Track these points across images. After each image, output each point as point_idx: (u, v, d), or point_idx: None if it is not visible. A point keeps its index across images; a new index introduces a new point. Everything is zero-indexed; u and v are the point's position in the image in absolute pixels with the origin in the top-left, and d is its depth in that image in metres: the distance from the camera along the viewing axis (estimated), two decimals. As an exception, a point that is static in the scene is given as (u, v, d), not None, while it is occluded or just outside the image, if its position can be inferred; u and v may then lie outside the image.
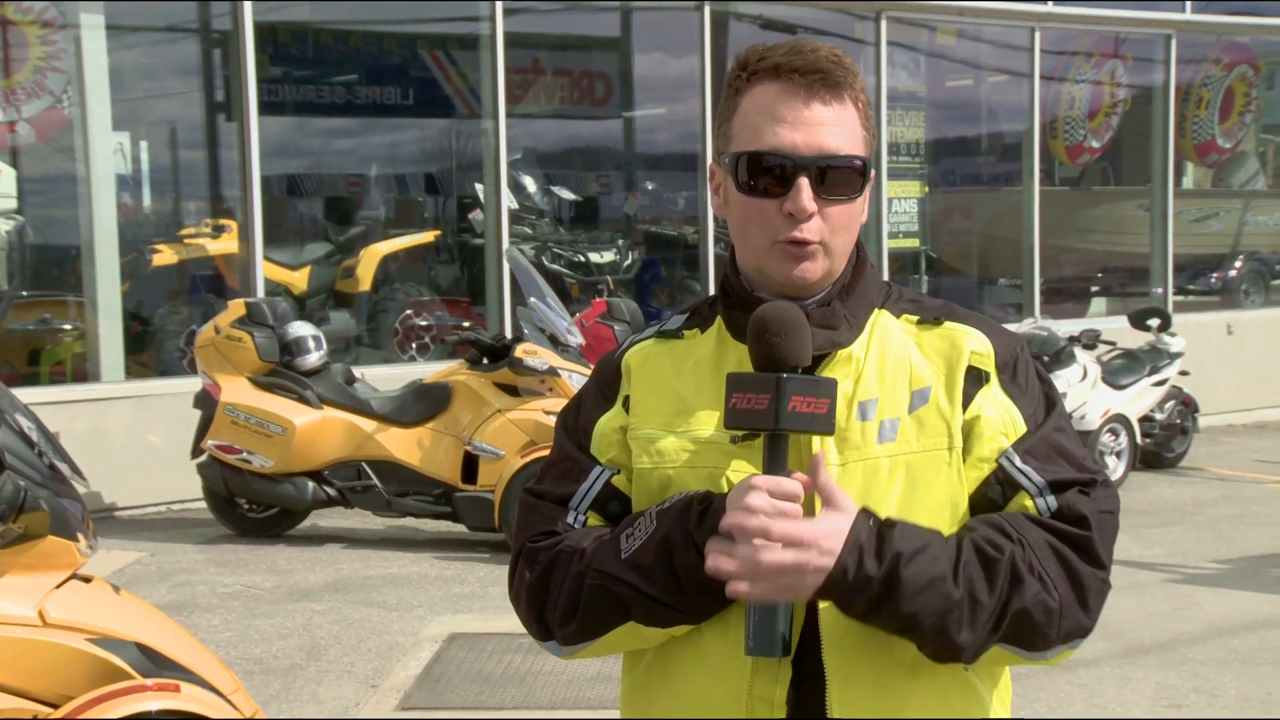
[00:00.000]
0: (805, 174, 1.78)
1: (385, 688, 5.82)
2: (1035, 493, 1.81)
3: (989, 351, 1.85)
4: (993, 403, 1.83)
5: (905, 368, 1.84)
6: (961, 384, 1.83)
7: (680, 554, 1.75)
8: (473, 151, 12.05)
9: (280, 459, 8.32)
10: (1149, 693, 5.78)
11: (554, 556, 1.86)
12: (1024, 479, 1.81)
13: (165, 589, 7.41)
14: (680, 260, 13.14)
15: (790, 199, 1.78)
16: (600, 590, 1.80)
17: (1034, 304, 13.55)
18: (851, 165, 1.81)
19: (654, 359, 1.92)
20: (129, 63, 10.83)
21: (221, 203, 11.47)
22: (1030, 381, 1.88)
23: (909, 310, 1.90)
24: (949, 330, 1.87)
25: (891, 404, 1.82)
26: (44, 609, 3.60)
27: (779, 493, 1.69)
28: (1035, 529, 1.78)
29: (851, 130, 1.82)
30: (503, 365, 8.32)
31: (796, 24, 12.52)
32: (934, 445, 1.81)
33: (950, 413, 1.82)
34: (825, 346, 1.82)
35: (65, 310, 10.59)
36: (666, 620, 1.80)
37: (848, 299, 1.87)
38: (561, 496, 1.91)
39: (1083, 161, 14.74)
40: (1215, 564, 8.10)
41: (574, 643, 1.88)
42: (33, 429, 3.80)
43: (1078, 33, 13.97)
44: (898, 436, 1.81)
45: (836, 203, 1.80)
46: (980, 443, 1.82)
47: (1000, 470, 1.82)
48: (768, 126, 1.80)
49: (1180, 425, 11.39)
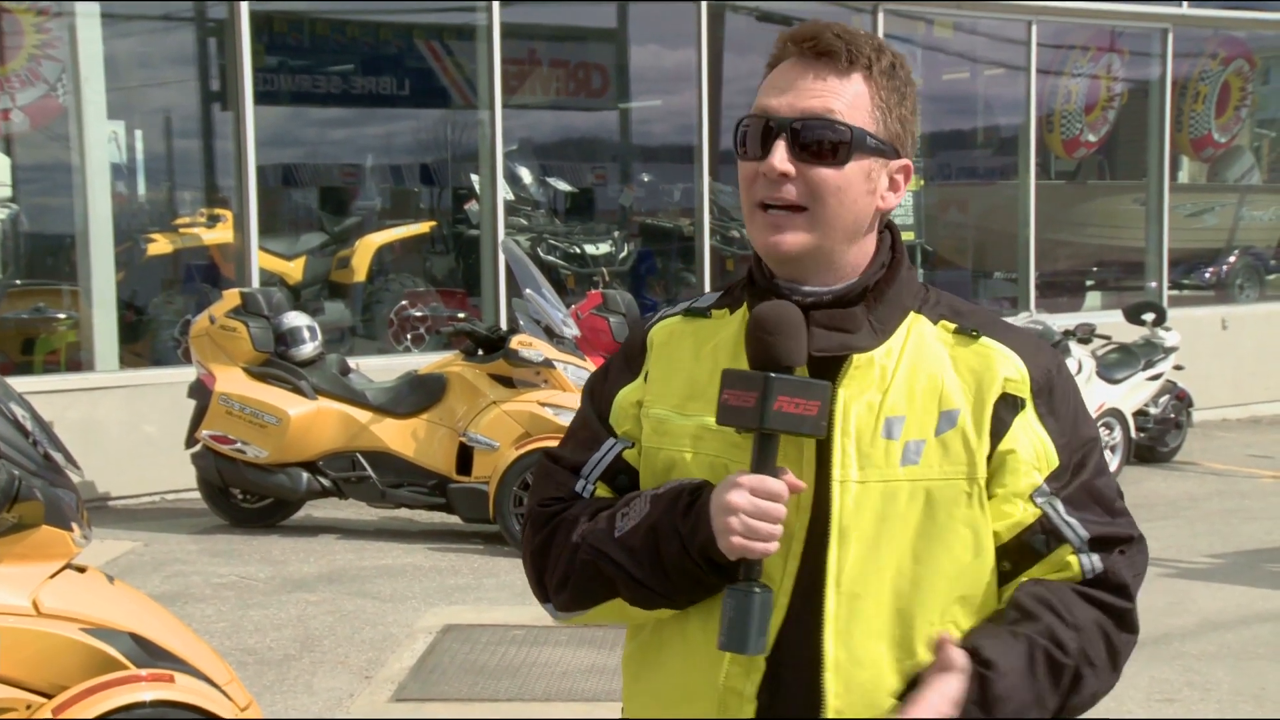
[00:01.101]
0: (781, 136, 1.76)
1: (379, 679, 5.82)
2: (1078, 548, 1.81)
3: (1024, 377, 1.81)
4: (1027, 432, 1.80)
5: (936, 386, 1.80)
6: (991, 412, 1.79)
7: (666, 542, 1.76)
8: (468, 142, 12.03)
9: (275, 449, 8.31)
10: (1142, 686, 5.79)
11: (557, 524, 1.89)
12: (1069, 532, 1.81)
13: (159, 579, 7.41)
14: (676, 252, 13.13)
15: (765, 160, 1.77)
16: (591, 565, 1.83)
17: (1029, 298, 13.55)
18: (831, 130, 1.76)
19: (677, 338, 1.91)
20: (124, 51, 10.79)
21: (217, 192, 11.45)
22: (1066, 407, 1.84)
23: (947, 318, 1.85)
24: (985, 350, 1.82)
25: (918, 424, 1.78)
26: (38, 598, 3.59)
27: (761, 490, 1.69)
28: (1085, 608, 1.80)
29: (851, 101, 1.77)
30: (498, 357, 8.31)
31: (793, 16, 12.47)
32: (955, 474, 1.78)
33: (977, 443, 1.78)
34: (834, 349, 1.78)
35: (59, 299, 10.57)
36: (649, 602, 1.82)
37: (877, 303, 1.82)
38: (575, 464, 1.93)
39: (1079, 155, 14.74)
40: (1209, 558, 8.11)
41: (567, 609, 1.92)
42: (27, 418, 3.79)
43: (1074, 26, 13.96)
44: (921, 460, 1.77)
45: (815, 166, 1.76)
46: (1013, 477, 1.79)
47: (1045, 519, 1.80)
48: (764, 96, 1.81)
49: (1174, 419, 11.40)
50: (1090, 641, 1.78)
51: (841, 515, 1.76)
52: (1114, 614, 1.82)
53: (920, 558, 1.77)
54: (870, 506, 1.76)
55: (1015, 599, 1.80)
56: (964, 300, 1.91)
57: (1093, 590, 1.81)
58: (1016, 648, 1.74)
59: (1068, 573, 1.82)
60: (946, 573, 1.78)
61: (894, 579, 1.76)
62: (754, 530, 1.69)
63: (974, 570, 1.79)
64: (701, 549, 1.73)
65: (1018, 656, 1.74)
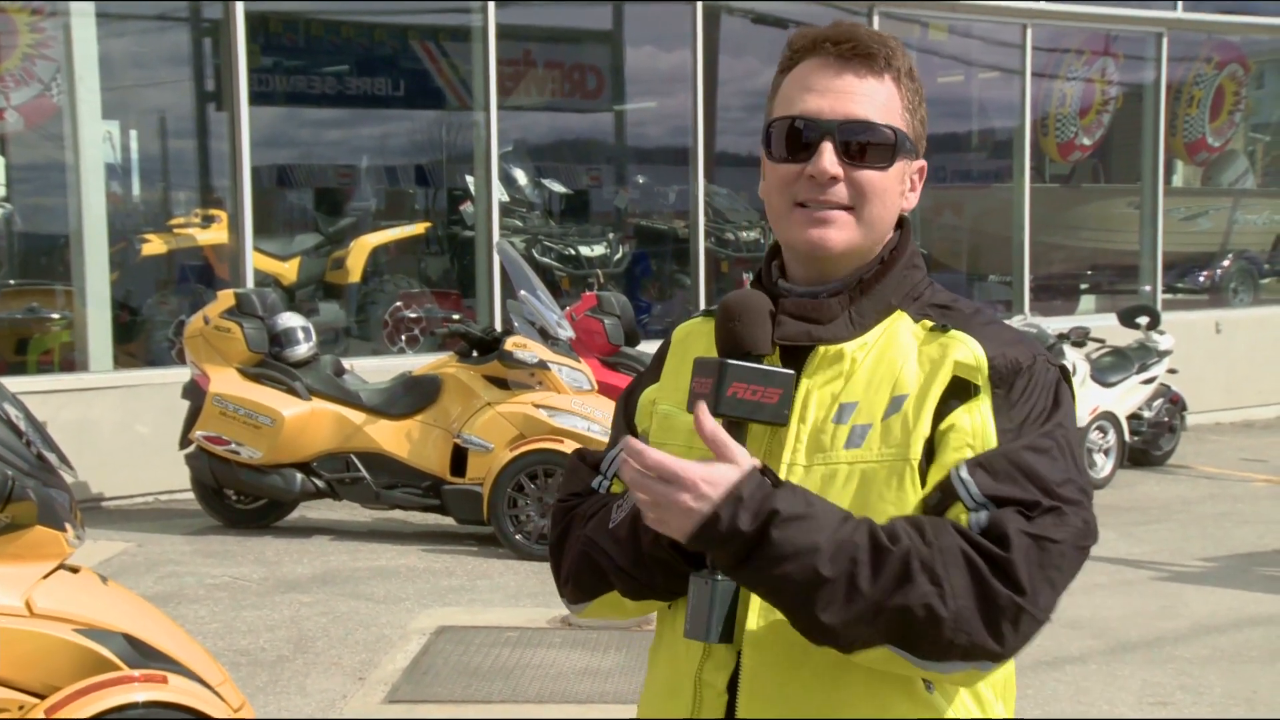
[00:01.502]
0: (829, 137, 1.77)
1: (372, 680, 5.82)
2: (971, 507, 1.68)
3: (979, 363, 1.74)
4: (973, 415, 1.73)
5: (894, 374, 1.78)
6: (939, 396, 1.74)
7: (644, 531, 1.77)
8: (463, 144, 12.04)
9: (269, 450, 8.30)
10: (1135, 690, 5.80)
11: (571, 519, 1.94)
12: (962, 490, 1.69)
13: (152, 580, 7.40)
14: (671, 254, 13.14)
15: (813, 162, 1.77)
16: (587, 556, 1.87)
17: (1024, 301, 13.58)
18: (879, 134, 1.78)
19: (693, 337, 1.96)
20: (119, 51, 10.79)
21: (211, 193, 11.44)
22: (1029, 399, 1.75)
23: (929, 316, 1.83)
24: (947, 339, 1.78)
25: (868, 409, 1.77)
26: (31, 599, 3.59)
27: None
28: (953, 535, 1.65)
29: (887, 104, 1.80)
30: (492, 358, 8.31)
31: (788, 18, 12.51)
32: (892, 456, 1.74)
33: (914, 423, 1.74)
34: (799, 338, 1.79)
35: (53, 299, 10.56)
36: (635, 593, 1.85)
37: (860, 298, 1.82)
38: (597, 460, 1.99)
39: (1073, 159, 14.76)
40: (1202, 562, 8.12)
41: (575, 601, 1.95)
42: (20, 418, 3.79)
43: (1069, 30, 13.99)
44: (864, 443, 1.75)
45: (863, 169, 1.78)
46: (945, 453, 1.72)
47: (945, 480, 1.71)
48: (799, 96, 1.80)
49: (1168, 423, 11.42)
50: (947, 563, 1.63)
51: None
52: (987, 556, 1.64)
53: None
54: (810, 489, 1.72)
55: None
56: (963, 301, 1.88)
57: (972, 534, 1.67)
58: (833, 507, 1.68)
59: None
60: None
61: None
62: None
63: None
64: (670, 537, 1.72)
65: (828, 507, 1.67)
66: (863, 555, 1.63)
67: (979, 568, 1.64)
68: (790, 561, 1.62)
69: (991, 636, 1.64)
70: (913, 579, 1.62)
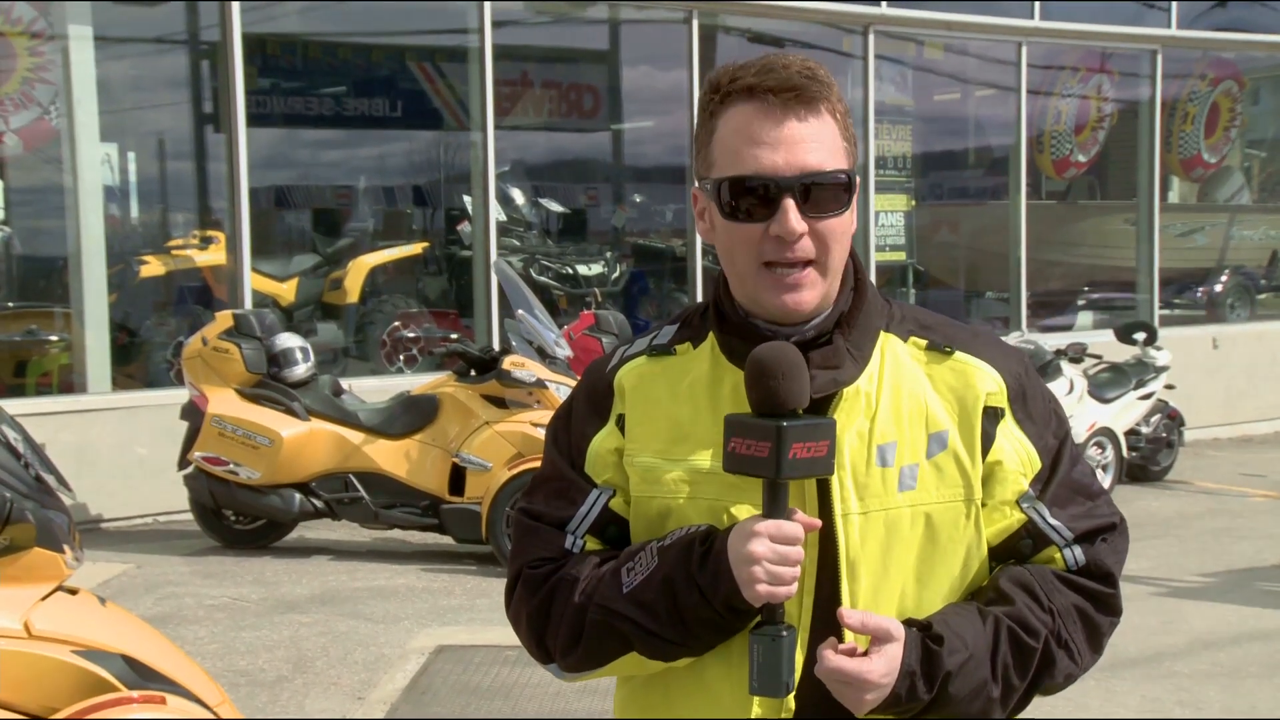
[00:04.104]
0: (789, 194, 1.74)
1: (372, 700, 5.81)
2: (1063, 545, 1.87)
3: (1001, 389, 1.85)
4: (1010, 440, 1.85)
5: (921, 408, 1.82)
6: (980, 429, 1.83)
7: (684, 594, 1.75)
8: (461, 163, 12.06)
9: (267, 471, 8.30)
10: (1133, 705, 5.80)
11: (554, 586, 1.85)
12: (1054, 534, 1.87)
13: (151, 601, 7.40)
14: (668, 273, 13.16)
15: (777, 221, 1.75)
16: (603, 624, 1.81)
17: (1021, 317, 13.59)
18: (836, 181, 1.77)
19: (649, 380, 1.88)
20: (117, 74, 10.82)
21: (209, 214, 11.46)
22: (1038, 405, 1.89)
23: (916, 333, 1.86)
24: (961, 366, 1.84)
25: (910, 449, 1.80)
26: (29, 620, 3.59)
27: (780, 537, 1.69)
28: (1064, 592, 1.85)
29: (832, 144, 1.78)
30: (490, 377, 8.32)
31: (784, 37, 12.56)
32: (953, 496, 1.81)
33: (970, 463, 1.82)
34: (828, 387, 1.79)
35: (52, 321, 10.57)
36: (670, 654, 1.81)
37: (850, 330, 1.83)
38: (558, 519, 1.89)
39: (1069, 176, 14.79)
40: (1200, 577, 8.12)
41: (576, 669, 1.88)
42: (19, 440, 3.79)
43: (1064, 48, 14.03)
44: (917, 485, 1.80)
45: (825, 219, 1.77)
46: (1002, 486, 1.84)
47: (1031, 525, 1.86)
48: (747, 150, 1.77)
49: (1166, 439, 11.42)
50: (1066, 624, 1.84)
51: (849, 548, 1.78)
52: (1095, 598, 1.89)
53: (923, 580, 1.81)
54: (875, 536, 1.78)
55: (994, 580, 1.86)
56: (926, 311, 1.94)
57: (1076, 577, 1.87)
58: (975, 625, 1.79)
59: (1053, 566, 1.89)
60: (944, 591, 1.82)
61: (899, 603, 1.80)
62: (778, 577, 1.69)
63: (966, 581, 1.85)
64: (725, 599, 1.73)
65: (976, 634, 1.78)
66: (1012, 660, 1.80)
67: (1090, 615, 1.88)
68: (965, 701, 1.78)
69: (1098, 656, 1.92)
70: (1054, 659, 1.83)
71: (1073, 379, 10.40)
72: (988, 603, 1.82)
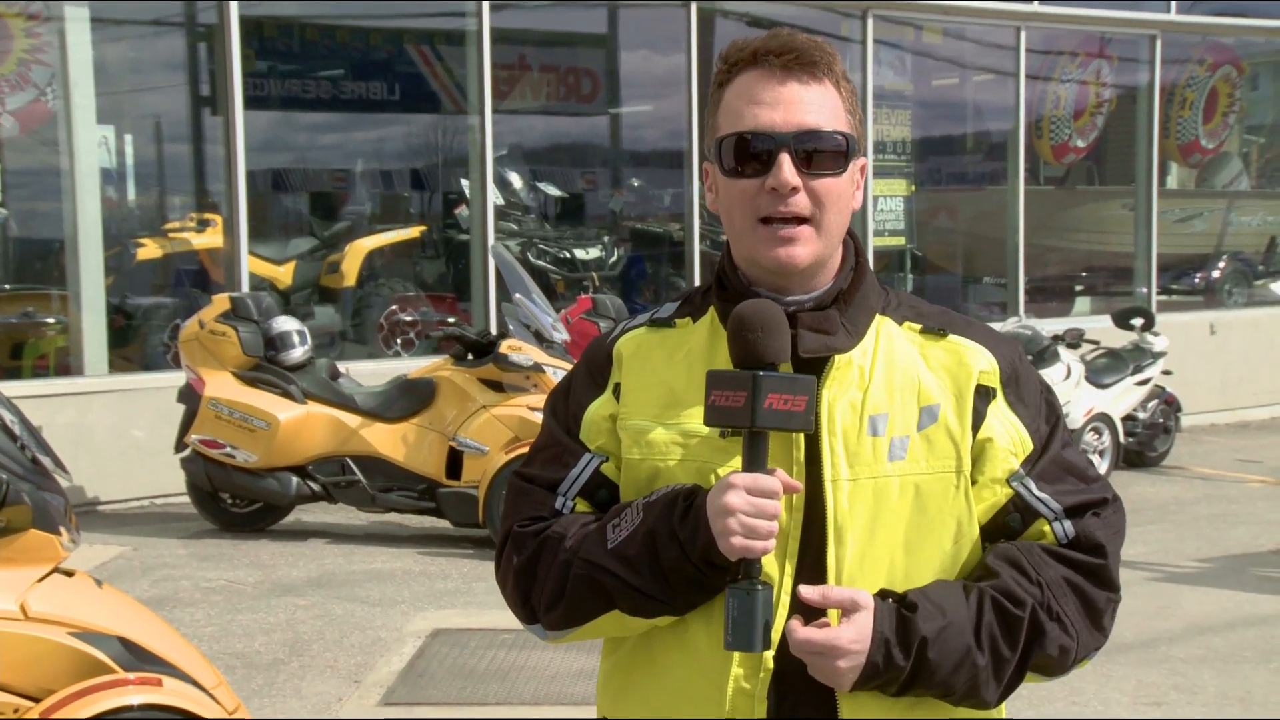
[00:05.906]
0: (785, 150, 1.79)
1: (368, 683, 5.82)
2: (1052, 518, 1.88)
3: (994, 369, 1.88)
4: (1001, 420, 1.87)
5: (913, 382, 1.85)
6: (972, 405, 1.85)
7: (665, 548, 1.77)
8: (458, 147, 12.04)
9: (264, 454, 8.31)
10: (1129, 690, 5.81)
11: (541, 542, 1.88)
12: (1042, 506, 1.87)
13: (148, 583, 7.40)
14: (666, 257, 13.15)
15: (772, 175, 1.79)
16: (586, 579, 1.83)
17: (1018, 303, 13.59)
18: (834, 143, 1.82)
19: (646, 348, 1.92)
20: (114, 56, 10.79)
21: (206, 197, 11.44)
22: (1031, 391, 1.92)
23: (910, 318, 1.91)
24: (955, 346, 1.89)
25: (902, 421, 1.83)
26: (25, 602, 3.59)
27: (756, 489, 1.71)
28: (1053, 565, 1.85)
29: (833, 110, 1.83)
30: (488, 361, 8.31)
31: (783, 21, 12.51)
32: (943, 467, 1.84)
33: (960, 435, 1.84)
34: (820, 350, 1.82)
35: (49, 304, 10.55)
36: (651, 610, 1.82)
37: (847, 307, 1.86)
38: (551, 481, 1.93)
39: (1068, 161, 14.78)
40: (1196, 562, 8.13)
41: (559, 628, 1.90)
42: (15, 422, 3.79)
43: (1063, 32, 14.01)
44: (907, 455, 1.82)
45: (820, 177, 1.81)
46: (992, 464, 1.86)
47: (1018, 498, 1.87)
48: (748, 109, 1.82)
49: (1163, 424, 11.44)
50: (1057, 596, 1.83)
51: (836, 514, 1.80)
52: (1086, 570, 1.87)
53: (911, 550, 1.82)
54: (863, 503, 1.80)
55: (982, 560, 1.88)
56: (923, 301, 1.98)
57: (1066, 550, 1.88)
58: (956, 596, 1.80)
59: (1044, 541, 1.89)
60: (934, 563, 1.84)
61: (888, 572, 1.81)
62: (753, 529, 1.70)
63: (958, 557, 1.86)
64: (702, 552, 1.75)
65: (958, 604, 1.79)
66: (998, 631, 1.80)
67: (1082, 587, 1.86)
68: (952, 671, 1.78)
69: (1098, 635, 1.90)
70: (1043, 630, 1.82)
71: (1070, 364, 10.40)
72: (975, 580, 1.85)
